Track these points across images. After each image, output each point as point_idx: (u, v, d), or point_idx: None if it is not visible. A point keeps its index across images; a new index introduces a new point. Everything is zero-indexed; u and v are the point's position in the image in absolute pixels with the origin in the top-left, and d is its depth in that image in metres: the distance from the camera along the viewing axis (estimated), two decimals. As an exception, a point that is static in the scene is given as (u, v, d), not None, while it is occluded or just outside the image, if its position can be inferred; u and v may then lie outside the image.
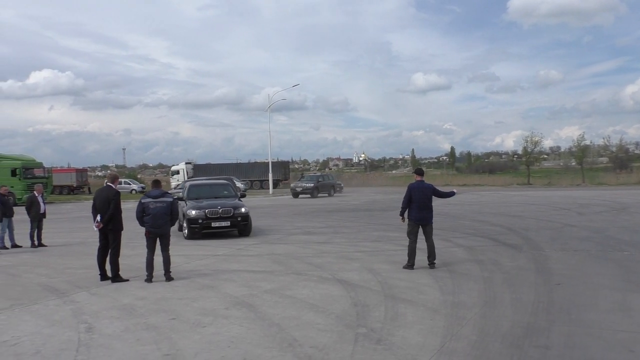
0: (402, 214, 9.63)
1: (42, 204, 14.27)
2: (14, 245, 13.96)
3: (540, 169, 74.52)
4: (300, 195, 37.19)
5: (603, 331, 5.66)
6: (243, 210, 14.77)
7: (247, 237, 14.76)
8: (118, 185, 9.51)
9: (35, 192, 14.37)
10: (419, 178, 9.69)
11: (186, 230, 14.64)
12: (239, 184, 34.92)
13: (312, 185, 37.35)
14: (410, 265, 9.40)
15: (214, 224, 14.36)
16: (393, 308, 6.75)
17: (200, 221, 14.25)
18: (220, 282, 8.71)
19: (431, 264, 9.43)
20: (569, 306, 6.68)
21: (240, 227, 14.74)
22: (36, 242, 13.97)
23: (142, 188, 55.02)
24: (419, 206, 9.46)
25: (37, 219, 14.08)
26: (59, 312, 6.98)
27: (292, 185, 41.75)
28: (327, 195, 38.79)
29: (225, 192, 16.63)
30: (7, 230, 13.94)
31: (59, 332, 6.06)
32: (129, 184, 55.42)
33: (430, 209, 9.60)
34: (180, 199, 15.21)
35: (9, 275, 9.85)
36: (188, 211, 14.47)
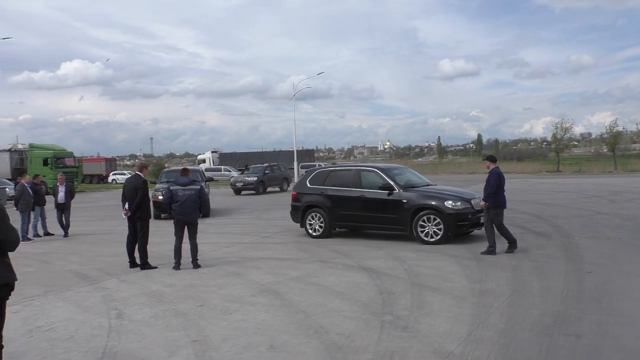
0: (488, 200, 9.49)
1: (60, 194, 14.31)
2: (47, 233, 14.31)
3: (570, 156, 72.95)
4: (243, 192, 29.84)
5: (635, 320, 5.54)
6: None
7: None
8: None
9: (58, 181, 14.74)
10: (494, 165, 9.74)
11: (438, 229, 10.80)
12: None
13: (256, 179, 29.65)
14: (513, 243, 9.48)
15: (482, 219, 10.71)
16: (419, 296, 6.71)
17: (470, 216, 10.97)
18: (247, 269, 8.78)
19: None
20: (600, 294, 6.54)
21: None
22: (64, 229, 14.24)
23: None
24: (504, 191, 9.60)
25: (56, 208, 14.32)
26: (90, 299, 7.15)
27: (231, 180, 32.94)
28: (278, 189, 31.66)
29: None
30: (39, 218, 14.30)
31: (90, 318, 6.20)
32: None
33: None
34: (389, 188, 11.50)
35: (43, 263, 10.11)
36: (445, 203, 10.86)
